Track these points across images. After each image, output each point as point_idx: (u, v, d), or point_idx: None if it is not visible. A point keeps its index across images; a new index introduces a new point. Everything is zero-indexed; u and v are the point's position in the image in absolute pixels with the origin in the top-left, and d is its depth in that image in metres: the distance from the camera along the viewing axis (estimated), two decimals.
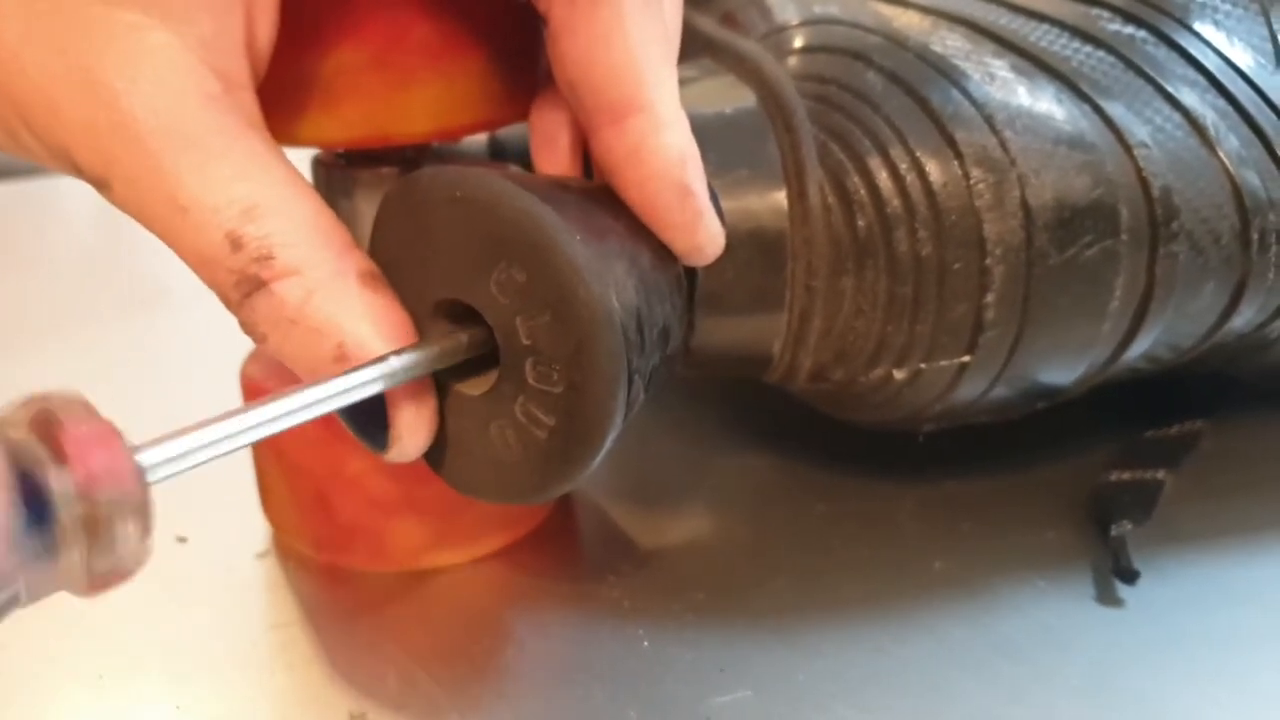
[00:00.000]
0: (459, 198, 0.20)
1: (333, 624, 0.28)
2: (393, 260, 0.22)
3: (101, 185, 0.21)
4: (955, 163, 0.26)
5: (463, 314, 0.21)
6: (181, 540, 0.30)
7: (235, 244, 0.20)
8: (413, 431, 0.21)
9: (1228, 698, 0.24)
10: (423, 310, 0.21)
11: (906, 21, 0.28)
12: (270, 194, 0.20)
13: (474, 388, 0.21)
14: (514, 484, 0.21)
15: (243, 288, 0.20)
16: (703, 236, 0.23)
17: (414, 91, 0.24)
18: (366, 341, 0.20)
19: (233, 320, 0.21)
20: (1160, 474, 0.30)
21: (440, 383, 0.22)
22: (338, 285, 0.20)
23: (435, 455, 0.22)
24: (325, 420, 0.28)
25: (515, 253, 0.20)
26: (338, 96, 0.24)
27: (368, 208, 0.28)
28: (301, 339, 0.20)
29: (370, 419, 0.21)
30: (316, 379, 0.19)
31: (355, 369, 0.20)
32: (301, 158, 0.24)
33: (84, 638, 0.27)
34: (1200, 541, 0.29)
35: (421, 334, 0.21)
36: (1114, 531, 0.28)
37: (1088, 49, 0.28)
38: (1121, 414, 0.33)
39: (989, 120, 0.26)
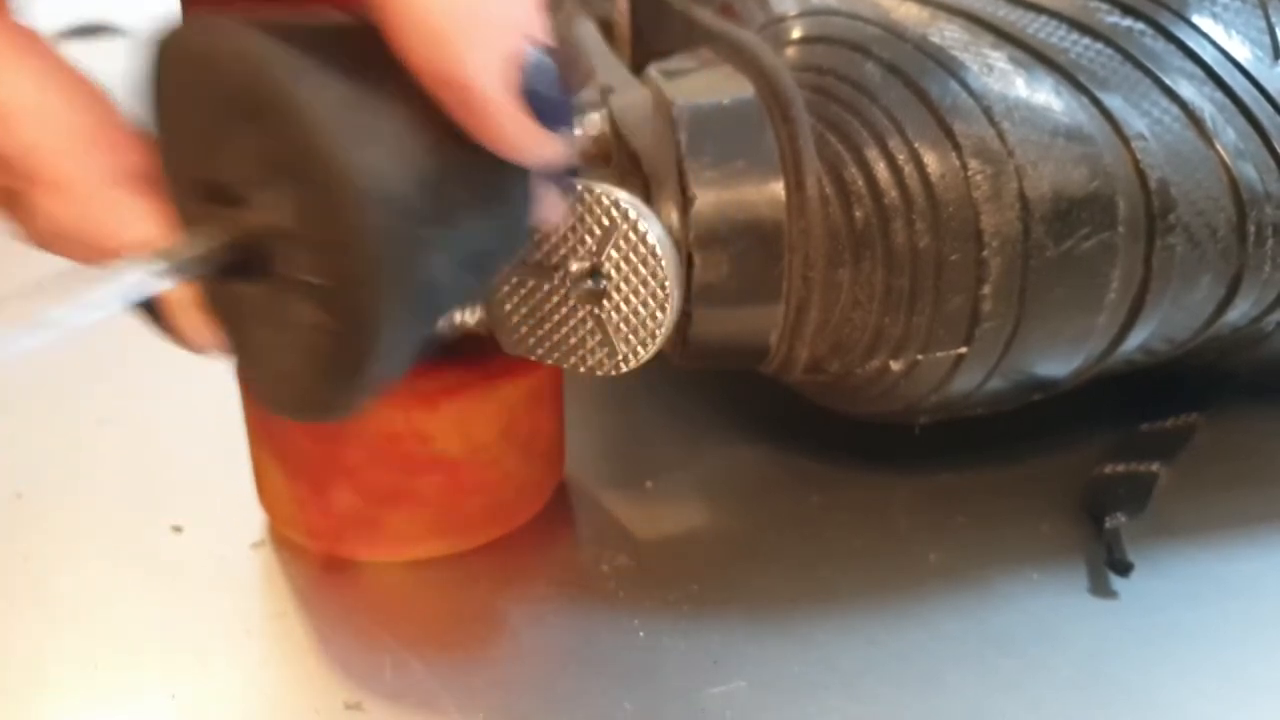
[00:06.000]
0: (187, 52, 0.18)
1: (328, 614, 0.27)
2: (162, 137, 0.19)
3: None
4: (953, 154, 0.26)
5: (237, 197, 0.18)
6: (177, 530, 0.30)
7: None
8: (192, 334, 0.20)
9: (1220, 689, 0.24)
10: (195, 194, 0.19)
11: (905, 13, 0.28)
12: (25, 99, 0.19)
13: (251, 287, 0.19)
14: (301, 396, 0.19)
15: (9, 205, 0.20)
16: (507, 128, 0.18)
17: None
18: (138, 249, 0.19)
19: None
20: (1154, 467, 0.30)
21: (225, 281, 0.19)
22: (105, 195, 0.19)
23: (242, 367, 0.20)
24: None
25: (248, 110, 0.17)
26: None
27: None
28: (77, 251, 0.20)
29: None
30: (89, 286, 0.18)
31: (113, 276, 0.18)
32: None
33: (79, 627, 0.27)
34: (1194, 534, 0.29)
35: (198, 221, 0.19)
36: (1108, 524, 0.28)
37: (1086, 41, 0.28)
38: (1116, 407, 0.33)
39: (987, 112, 0.26)
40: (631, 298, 0.25)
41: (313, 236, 0.17)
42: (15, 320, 0.16)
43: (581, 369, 0.26)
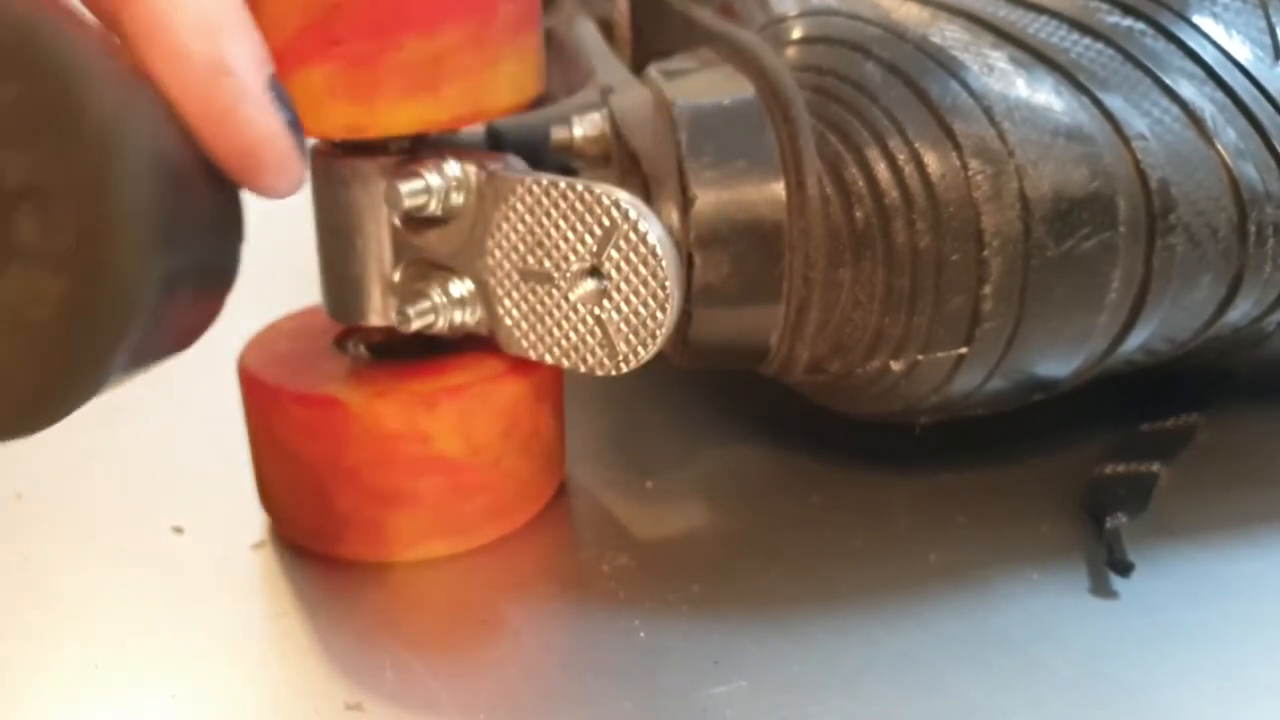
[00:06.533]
0: None
1: (329, 614, 0.27)
2: None
3: None
4: (953, 154, 0.26)
5: None
6: (178, 530, 0.30)
7: None
8: None
9: (1220, 689, 0.24)
10: None
11: (905, 13, 0.28)
12: None
13: None
14: (16, 398, 0.16)
15: None
16: (249, 134, 0.18)
17: (500, 68, 0.27)
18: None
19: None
20: (1155, 467, 0.30)
21: None
22: None
23: None
24: (322, 411, 0.28)
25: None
26: (443, 77, 0.26)
27: (365, 198, 0.28)
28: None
29: None
30: None
31: None
32: None
33: (79, 628, 0.27)
34: (1194, 535, 0.29)
35: None
36: (1108, 524, 0.28)
37: (1086, 41, 0.28)
38: (1116, 407, 0.33)
39: (987, 112, 0.26)
40: (632, 298, 0.25)
41: (58, 188, 0.15)
42: None
43: (582, 369, 0.26)
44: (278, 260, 0.36)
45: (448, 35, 0.26)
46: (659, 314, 0.25)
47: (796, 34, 0.28)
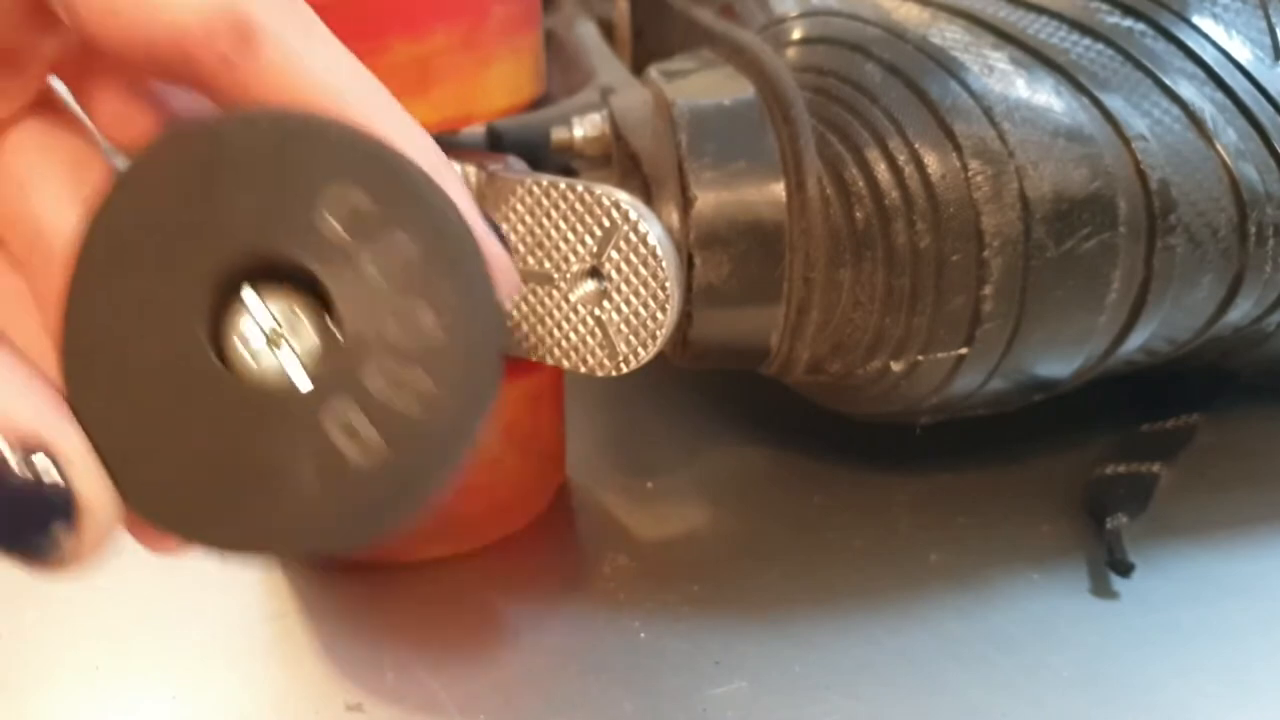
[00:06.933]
0: (265, 127, 0.16)
1: (329, 615, 0.27)
2: (141, 238, 0.17)
3: None
4: (954, 155, 0.26)
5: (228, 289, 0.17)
6: None
7: None
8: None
9: (1221, 690, 0.24)
10: (194, 294, 0.17)
11: (905, 13, 0.28)
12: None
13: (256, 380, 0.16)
14: (360, 502, 0.16)
15: None
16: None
17: (493, 69, 0.26)
18: (14, 407, 0.16)
19: None
20: (1155, 467, 0.30)
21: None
22: None
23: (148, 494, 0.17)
24: None
25: (356, 177, 0.16)
26: (432, 79, 0.26)
27: None
28: None
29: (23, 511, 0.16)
30: None
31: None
32: None
33: (80, 629, 0.27)
34: (1195, 535, 0.29)
35: (185, 324, 0.16)
36: (1109, 524, 0.28)
37: (1086, 41, 0.28)
38: (1117, 408, 0.33)
39: (988, 112, 0.26)
40: (632, 298, 0.25)
41: (402, 343, 0.16)
42: None
43: (582, 369, 0.26)
44: None
45: (436, 38, 0.25)
46: (659, 315, 0.25)
47: (797, 34, 0.28)
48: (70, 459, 0.16)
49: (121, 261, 0.17)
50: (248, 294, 0.17)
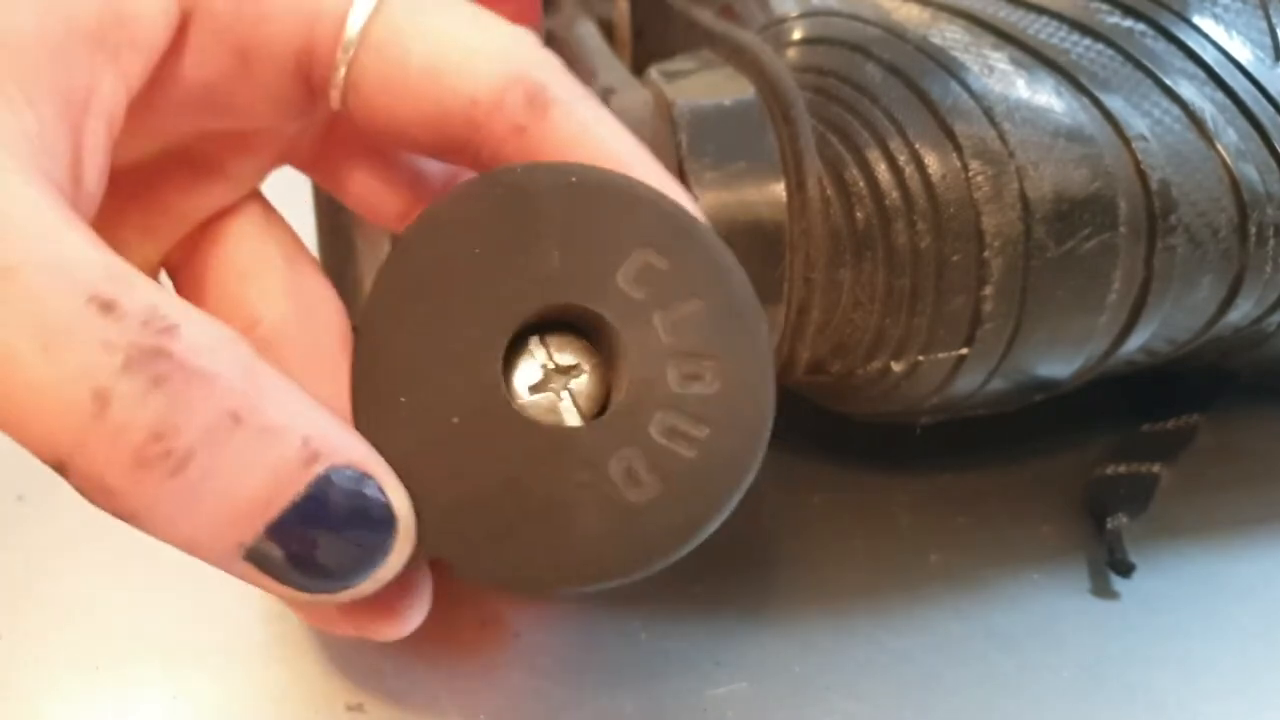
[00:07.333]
0: (574, 184, 0.17)
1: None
2: (445, 282, 0.17)
3: None
4: (954, 155, 0.26)
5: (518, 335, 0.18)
6: None
7: (106, 307, 0.14)
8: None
9: (1222, 691, 0.24)
10: (472, 342, 0.17)
11: (906, 14, 0.28)
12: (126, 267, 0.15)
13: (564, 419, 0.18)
14: (637, 541, 0.17)
15: (136, 369, 0.14)
16: None
17: None
18: (333, 432, 0.16)
19: None
20: (1156, 468, 0.30)
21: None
22: (263, 365, 0.15)
23: (459, 542, 0.17)
24: None
25: (654, 238, 0.17)
26: None
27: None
28: (248, 447, 0.15)
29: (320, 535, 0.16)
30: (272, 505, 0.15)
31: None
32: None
33: (80, 628, 0.27)
34: (1195, 535, 0.29)
35: (477, 371, 0.17)
36: (1109, 525, 0.28)
37: (1087, 42, 0.28)
38: (1117, 408, 0.33)
39: (988, 113, 0.26)
40: None
41: (702, 344, 0.17)
42: None
43: None
44: None
45: None
46: None
47: (797, 35, 0.28)
48: (388, 484, 0.16)
49: (422, 302, 0.17)
50: (537, 340, 0.18)
